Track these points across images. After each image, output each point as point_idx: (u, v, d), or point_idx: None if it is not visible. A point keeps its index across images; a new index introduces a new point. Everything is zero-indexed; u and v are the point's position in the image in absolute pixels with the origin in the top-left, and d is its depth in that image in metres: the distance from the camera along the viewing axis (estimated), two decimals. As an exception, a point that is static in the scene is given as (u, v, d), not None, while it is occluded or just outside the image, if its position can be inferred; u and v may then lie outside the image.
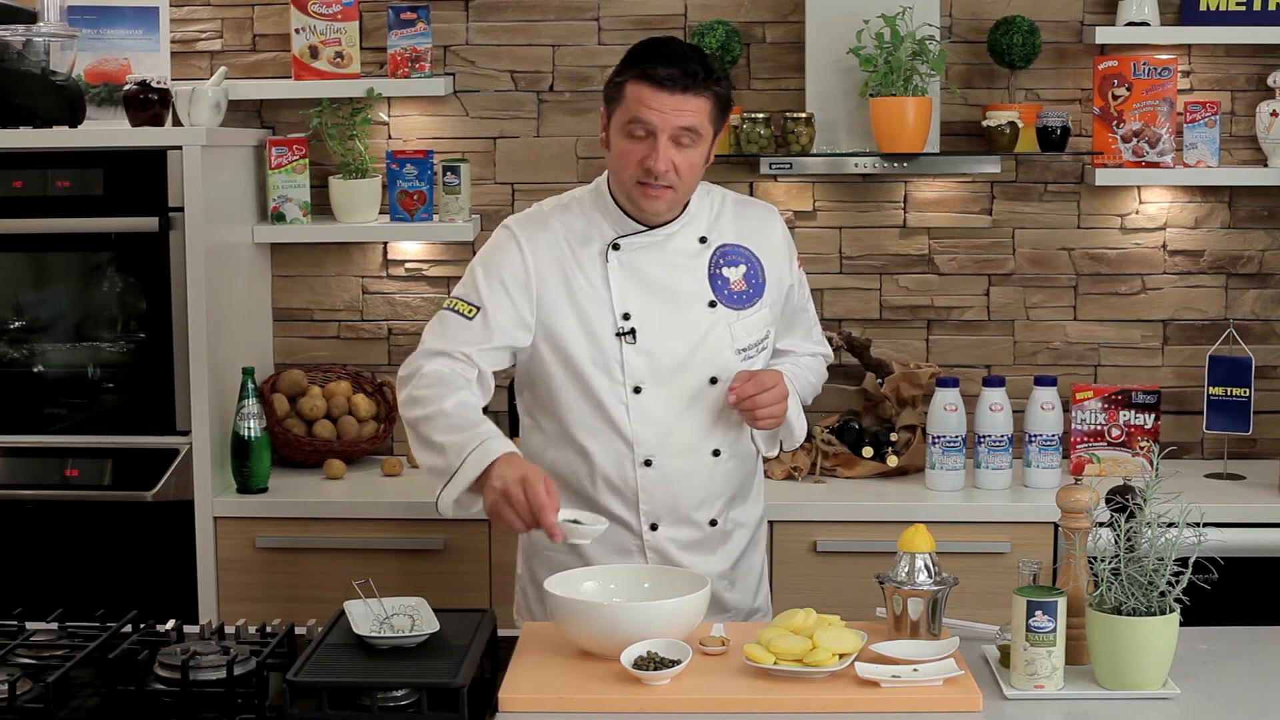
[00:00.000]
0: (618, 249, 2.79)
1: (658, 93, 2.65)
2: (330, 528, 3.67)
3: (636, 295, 2.78)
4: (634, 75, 2.67)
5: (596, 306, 2.77)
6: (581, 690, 2.29)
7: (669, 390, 2.78)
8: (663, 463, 2.79)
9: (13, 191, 3.66)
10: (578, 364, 2.77)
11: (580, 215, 2.82)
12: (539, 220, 2.84)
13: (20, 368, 3.78)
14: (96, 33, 3.96)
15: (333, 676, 2.23)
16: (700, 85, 2.66)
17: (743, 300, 2.84)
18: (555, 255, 2.78)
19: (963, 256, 4.10)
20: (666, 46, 2.72)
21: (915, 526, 2.49)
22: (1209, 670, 2.43)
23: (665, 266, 2.80)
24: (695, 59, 2.68)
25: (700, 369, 2.79)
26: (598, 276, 2.78)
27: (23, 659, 2.43)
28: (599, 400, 2.77)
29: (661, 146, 2.66)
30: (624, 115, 2.69)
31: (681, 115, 2.66)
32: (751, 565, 2.98)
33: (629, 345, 2.76)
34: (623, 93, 2.69)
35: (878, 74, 3.78)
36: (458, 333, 2.75)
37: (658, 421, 2.78)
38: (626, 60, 2.72)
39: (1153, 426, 3.85)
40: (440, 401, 2.65)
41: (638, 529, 2.82)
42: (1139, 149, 3.88)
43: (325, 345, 4.21)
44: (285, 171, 3.97)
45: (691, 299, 2.80)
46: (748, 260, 2.85)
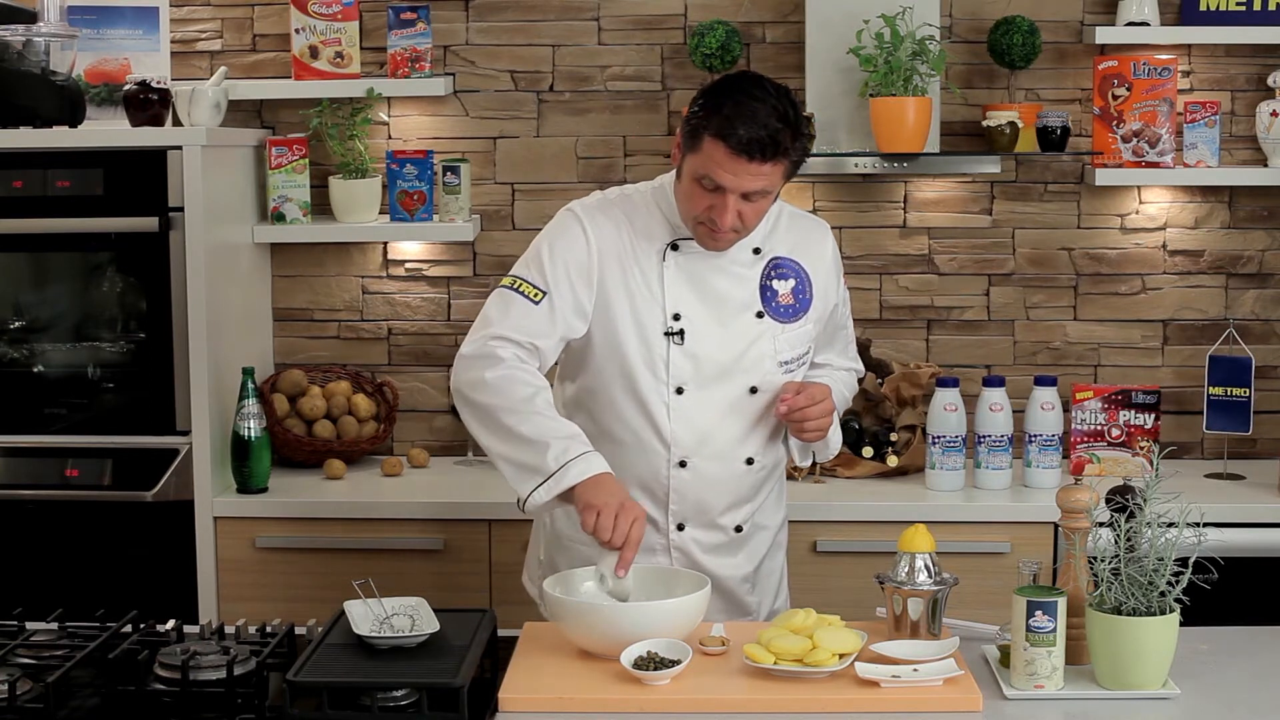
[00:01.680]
0: (676, 249, 2.78)
1: (734, 158, 2.58)
2: (330, 528, 3.67)
3: (688, 297, 2.77)
4: (714, 131, 2.59)
5: (648, 303, 2.76)
6: (581, 690, 2.29)
7: (710, 394, 2.77)
8: (697, 465, 2.79)
9: (13, 191, 3.66)
10: (625, 357, 2.76)
11: (643, 209, 2.81)
12: (603, 207, 2.82)
13: (20, 368, 3.78)
14: (96, 33, 3.96)
15: (333, 676, 2.23)
16: (780, 153, 2.60)
17: (790, 314, 2.82)
18: (617, 244, 2.77)
19: (963, 256, 4.10)
20: (754, 105, 2.59)
21: (915, 526, 2.49)
22: (1209, 670, 2.43)
23: (719, 273, 2.78)
24: (781, 120, 2.59)
25: (742, 377, 2.78)
26: (653, 273, 2.77)
27: (23, 659, 2.43)
28: (641, 397, 2.77)
29: (730, 205, 2.63)
30: (697, 165, 2.63)
31: (755, 180, 2.61)
32: (773, 568, 2.98)
33: (676, 345, 2.76)
34: (700, 143, 2.61)
35: (878, 74, 3.78)
36: (523, 318, 2.70)
37: (697, 424, 2.78)
38: (709, 105, 2.62)
39: (1153, 426, 3.85)
40: (524, 389, 2.61)
41: (664, 528, 2.82)
42: (1139, 149, 3.88)
43: (325, 345, 4.21)
44: (285, 171, 3.97)
45: (741, 307, 2.79)
46: (797, 275, 2.84)
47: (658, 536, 2.82)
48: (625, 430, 2.79)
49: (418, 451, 4.05)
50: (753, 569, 2.90)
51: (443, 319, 4.18)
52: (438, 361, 4.17)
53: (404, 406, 4.17)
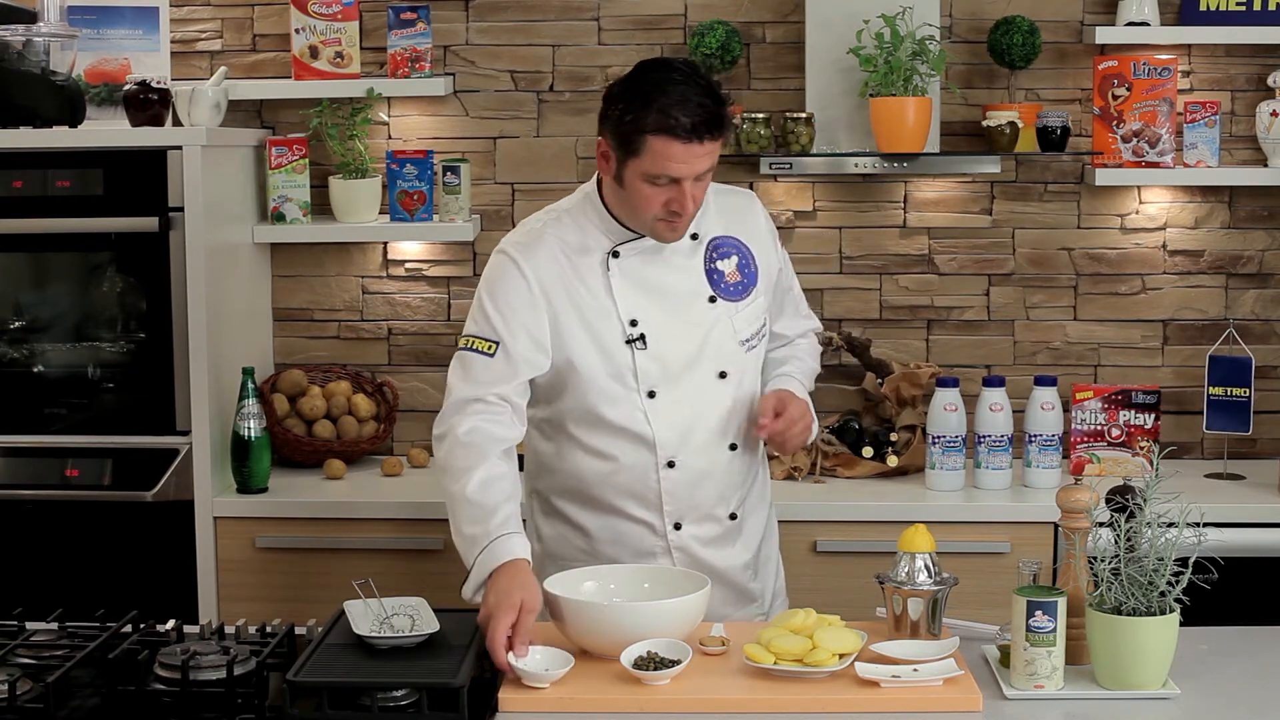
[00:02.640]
0: (618, 256, 2.77)
1: (686, 146, 2.59)
2: (330, 528, 3.67)
3: (641, 300, 2.77)
4: (654, 129, 2.59)
5: (603, 317, 2.75)
6: (581, 690, 2.29)
7: (682, 390, 2.78)
8: (685, 462, 2.79)
9: (13, 191, 3.66)
10: (592, 377, 2.75)
11: (573, 226, 2.79)
12: (534, 239, 2.79)
13: (20, 368, 3.78)
14: (96, 33, 3.96)
15: (333, 676, 2.24)
16: (721, 127, 2.63)
17: (739, 291, 2.84)
18: (556, 272, 2.75)
19: (963, 256, 4.10)
20: (679, 90, 2.60)
21: (915, 526, 2.50)
22: (1209, 670, 2.43)
23: (664, 268, 2.79)
24: (707, 94, 2.61)
25: (708, 365, 2.80)
26: (600, 286, 2.76)
27: (23, 659, 2.43)
28: (618, 410, 2.76)
29: (688, 191, 2.64)
30: (646, 166, 2.63)
31: (705, 160, 2.64)
32: (770, 553, 3.01)
33: (640, 351, 2.76)
34: (643, 145, 2.61)
35: (878, 74, 3.78)
36: (482, 373, 2.71)
37: (676, 422, 2.78)
38: (637, 104, 2.61)
39: (1153, 426, 3.85)
40: (465, 481, 2.63)
41: (661, 530, 2.81)
42: (1139, 149, 3.88)
43: (325, 345, 4.21)
44: (285, 171, 3.96)
45: (692, 297, 2.80)
46: (738, 250, 2.86)
47: (655, 539, 2.82)
48: (609, 444, 2.78)
49: (418, 451, 4.05)
50: (751, 555, 2.91)
51: (443, 319, 4.18)
52: (438, 361, 4.17)
53: (404, 406, 4.17)
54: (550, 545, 2.90)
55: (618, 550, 2.82)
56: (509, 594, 2.46)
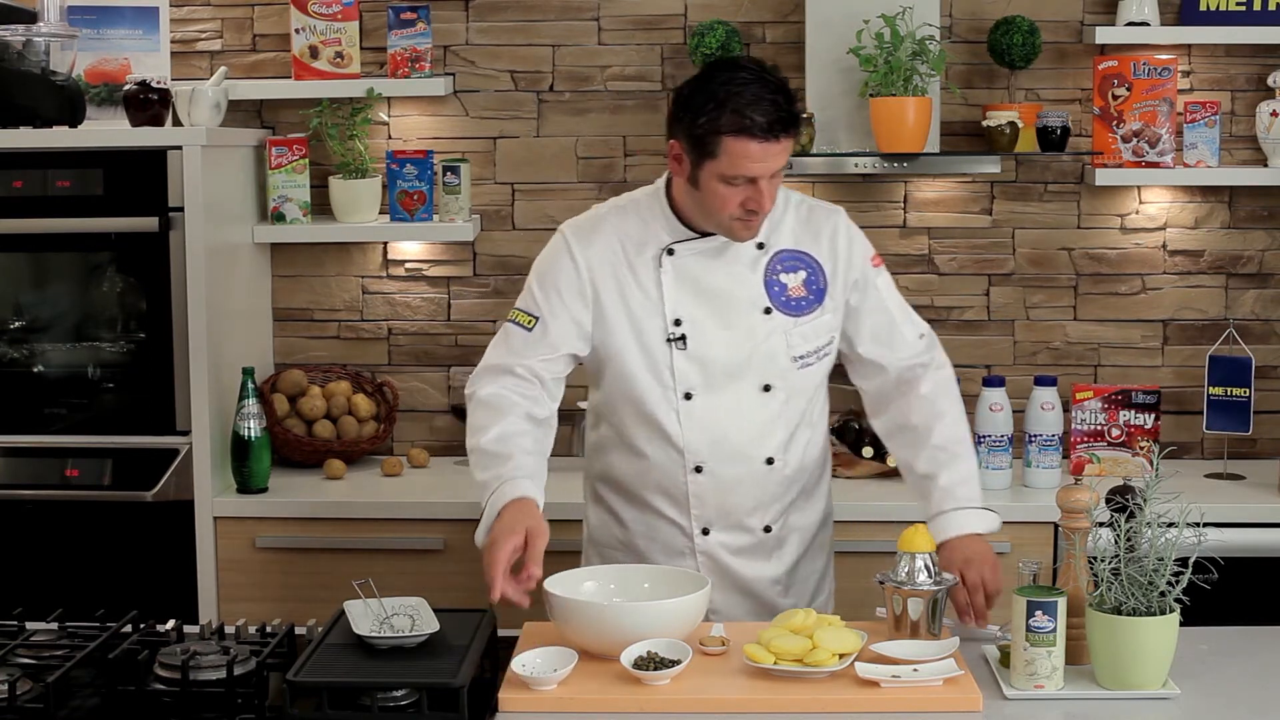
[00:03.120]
0: (672, 254, 2.76)
1: (763, 145, 2.58)
2: (330, 528, 3.67)
3: (689, 301, 2.75)
4: (730, 130, 2.58)
5: (648, 312, 2.75)
6: (581, 690, 2.29)
7: (720, 397, 2.76)
8: (714, 469, 2.77)
9: (13, 191, 3.66)
10: (629, 369, 2.76)
11: (636, 219, 2.79)
12: (593, 225, 2.81)
13: (20, 368, 3.78)
14: (96, 33, 3.96)
15: (333, 676, 2.24)
16: (795, 123, 2.62)
17: (801, 307, 2.78)
18: (609, 260, 2.76)
19: (963, 256, 4.10)
20: (751, 90, 2.59)
21: (915, 526, 2.50)
22: (1209, 670, 2.43)
23: (720, 272, 2.76)
24: (778, 91, 2.61)
25: (754, 376, 2.76)
26: (650, 282, 2.76)
27: (23, 659, 2.43)
28: (649, 406, 2.76)
29: (765, 189, 2.63)
30: (723, 168, 2.61)
31: (780, 158, 2.62)
32: (811, 571, 2.92)
33: (679, 351, 2.74)
34: (719, 146, 2.59)
35: (878, 74, 3.78)
36: (520, 345, 2.75)
37: (709, 428, 2.76)
38: (712, 104, 2.60)
39: (1153, 426, 3.85)
40: (483, 434, 2.68)
41: (690, 532, 2.81)
42: (1139, 149, 3.88)
43: (325, 345, 4.21)
44: (285, 171, 3.96)
45: (746, 305, 2.76)
46: (808, 266, 2.79)
47: (684, 540, 2.82)
48: (640, 439, 2.79)
49: (418, 451, 4.05)
50: (784, 571, 2.86)
51: (443, 319, 4.18)
52: (438, 361, 4.17)
53: (404, 406, 4.17)
54: (594, 532, 2.93)
55: (650, 546, 2.83)
56: (513, 524, 2.51)
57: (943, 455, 2.79)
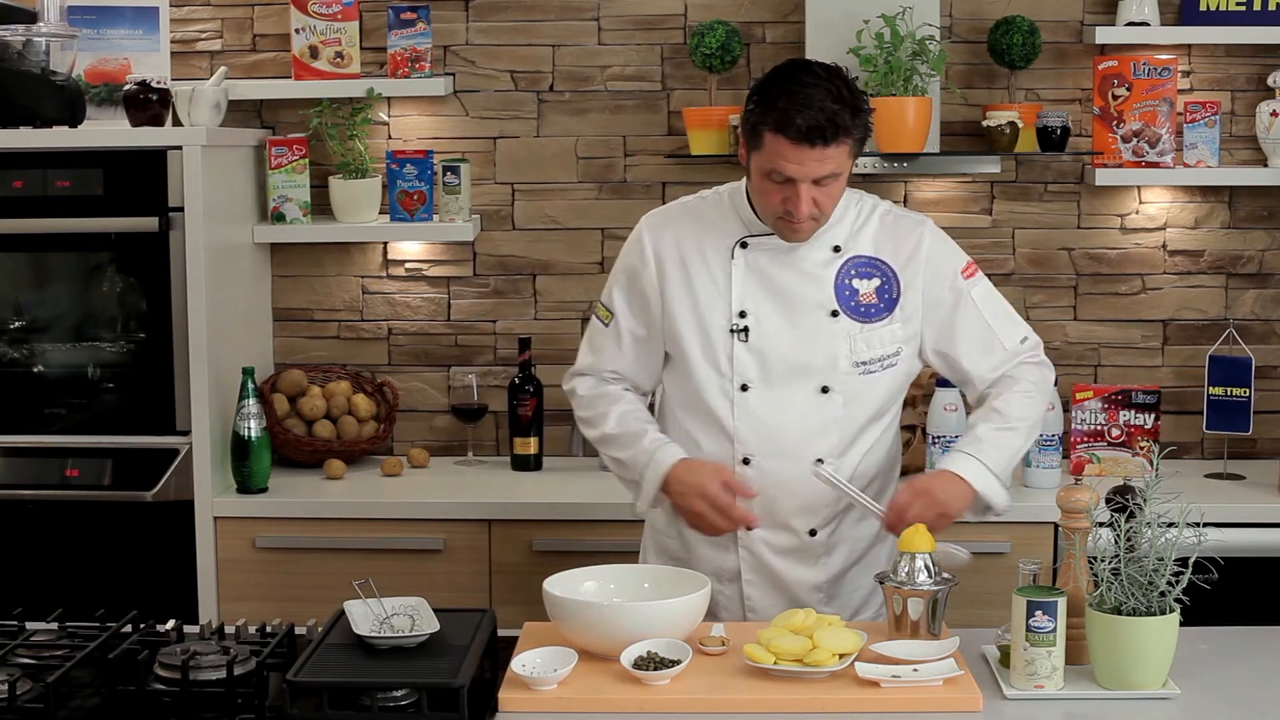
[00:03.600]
0: (746, 247, 2.78)
1: (797, 148, 2.58)
2: (330, 528, 3.67)
3: (756, 294, 2.77)
4: (772, 126, 2.59)
5: (714, 301, 2.78)
6: (581, 690, 2.29)
7: (777, 393, 2.76)
8: (762, 464, 2.77)
9: (13, 191, 3.66)
10: (688, 356, 2.79)
11: (715, 210, 2.84)
12: (670, 214, 2.89)
13: (20, 368, 3.78)
14: (96, 33, 3.96)
15: (333, 676, 2.23)
16: (841, 134, 2.60)
17: (870, 313, 2.77)
18: (679, 248, 2.81)
19: (963, 256, 4.10)
20: (806, 92, 2.59)
21: (915, 526, 2.50)
22: (1209, 670, 2.43)
23: (791, 270, 2.77)
24: (836, 101, 2.59)
25: (813, 376, 2.76)
26: (720, 272, 2.78)
27: (23, 659, 2.43)
28: (706, 394, 2.78)
29: (803, 194, 2.63)
30: (763, 162, 2.64)
31: (822, 166, 2.61)
32: (859, 584, 2.87)
33: (740, 342, 2.76)
34: (761, 140, 2.62)
35: (878, 74, 3.78)
36: (600, 343, 2.90)
37: (762, 422, 2.76)
38: (763, 100, 2.63)
39: (1153, 426, 3.85)
40: (604, 424, 2.86)
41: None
42: (1139, 149, 3.88)
43: (325, 345, 4.21)
44: (285, 171, 3.96)
45: (812, 306, 2.76)
46: (882, 274, 2.78)
47: (728, 534, 2.81)
48: (695, 427, 2.81)
49: (418, 451, 4.05)
50: (827, 579, 2.82)
51: (443, 319, 4.18)
52: (438, 361, 4.17)
53: (404, 406, 4.17)
54: (653, 518, 2.95)
55: (696, 537, 2.83)
56: (699, 474, 2.72)
57: (997, 417, 2.77)
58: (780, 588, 2.81)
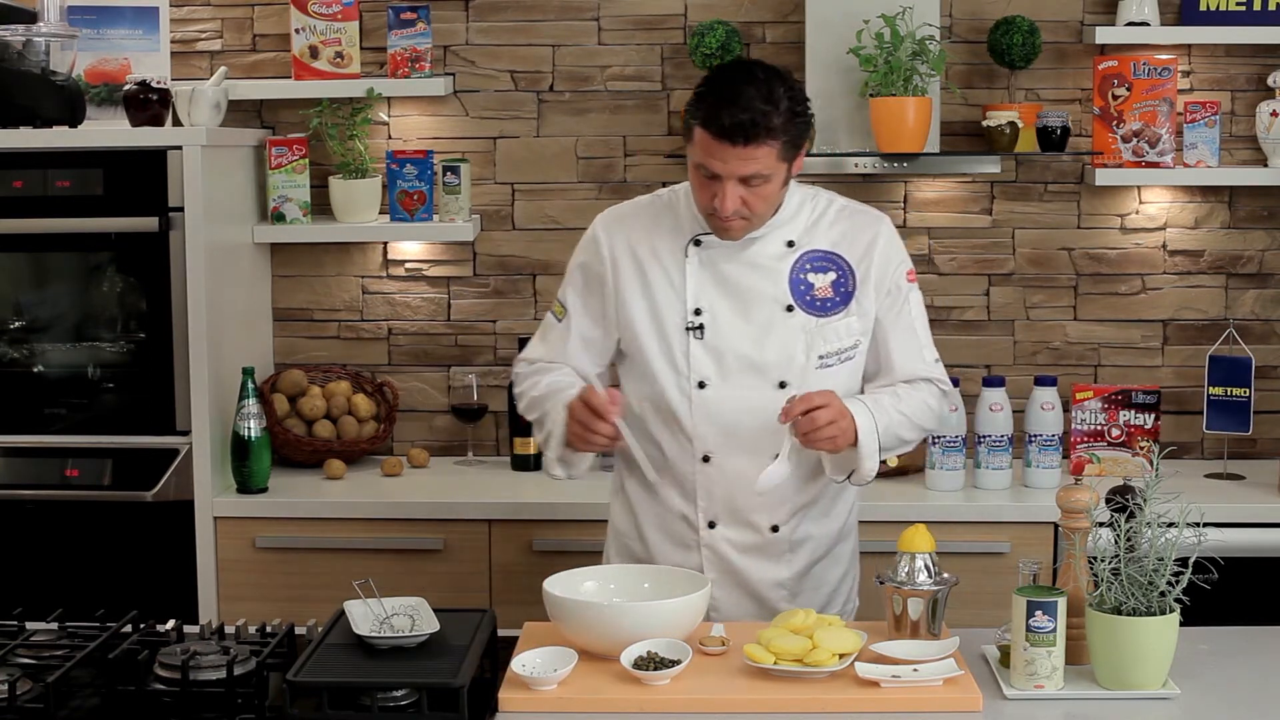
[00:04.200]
0: (699, 245, 2.78)
1: (720, 144, 2.59)
2: (330, 528, 3.67)
3: (711, 291, 2.77)
4: (699, 121, 2.62)
5: (669, 299, 2.78)
6: (581, 690, 2.29)
7: (734, 390, 2.76)
8: (722, 461, 2.77)
9: (13, 191, 3.66)
10: (645, 354, 2.79)
11: (669, 207, 2.84)
12: (625, 212, 2.89)
13: (20, 368, 3.78)
14: (96, 33, 3.96)
15: (333, 676, 2.23)
16: (765, 135, 2.59)
17: (826, 307, 2.77)
18: (633, 246, 2.81)
19: (963, 256, 4.10)
20: (736, 89, 2.60)
21: (915, 526, 2.49)
22: (1209, 670, 2.43)
23: (745, 267, 2.77)
24: (768, 102, 2.58)
25: (770, 372, 2.75)
26: (675, 269, 2.79)
27: (23, 659, 2.43)
28: (664, 392, 2.78)
29: (728, 191, 2.63)
30: (693, 155, 2.66)
31: (746, 165, 2.61)
32: (824, 579, 2.88)
33: (696, 340, 2.76)
34: (692, 133, 2.65)
35: (878, 74, 3.78)
36: (553, 339, 2.90)
37: (721, 419, 2.76)
38: (698, 94, 2.65)
39: (1153, 426, 3.85)
40: (533, 389, 2.87)
41: (695, 524, 2.81)
42: (1139, 149, 3.88)
43: (325, 345, 4.21)
44: (285, 171, 3.97)
45: (767, 301, 2.76)
46: (839, 268, 2.79)
47: (689, 533, 2.81)
48: (655, 426, 2.81)
49: (418, 451, 4.05)
50: (791, 575, 2.83)
51: (443, 319, 4.18)
52: (438, 361, 4.17)
53: (404, 406, 4.17)
54: (615, 519, 2.95)
55: (659, 537, 2.83)
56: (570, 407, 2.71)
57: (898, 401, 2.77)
58: (743, 586, 2.81)
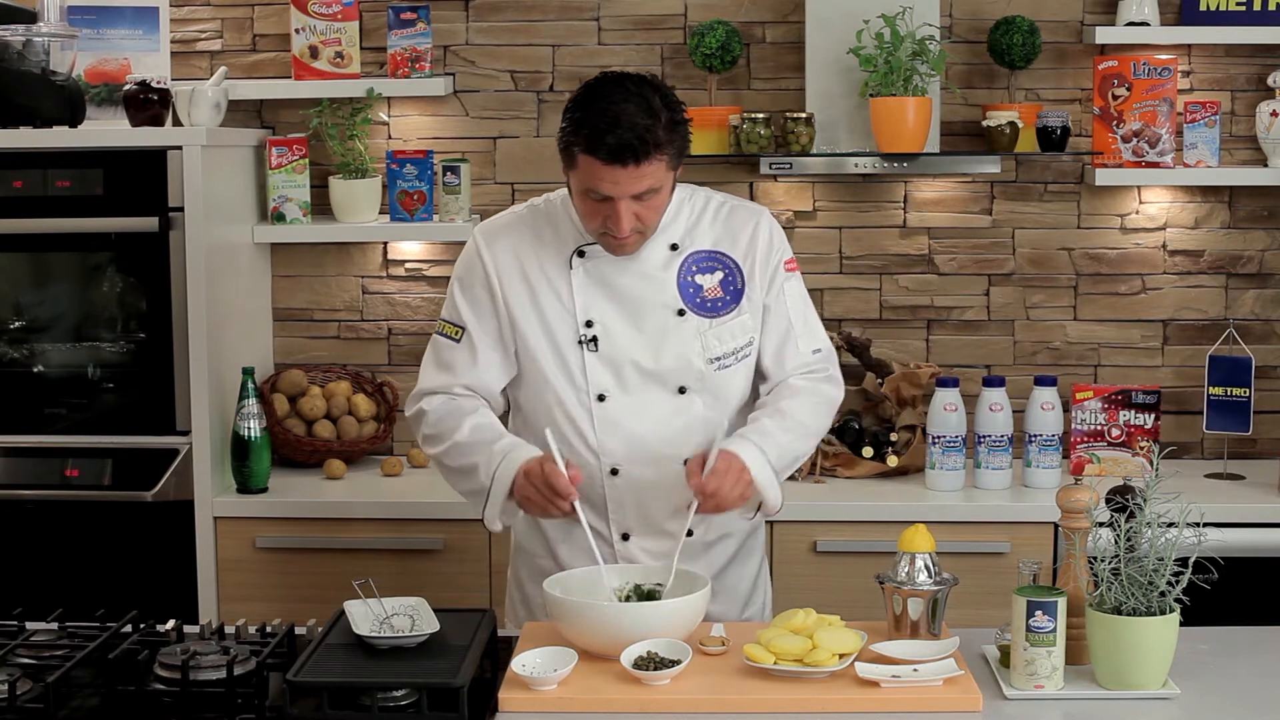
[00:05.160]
0: (583, 255, 2.73)
1: (609, 168, 2.53)
2: (330, 528, 3.67)
3: (600, 302, 2.72)
4: (583, 147, 2.54)
5: (559, 312, 2.72)
6: (581, 690, 2.29)
7: (634, 399, 2.71)
8: (630, 472, 2.72)
9: (13, 191, 3.66)
10: (542, 370, 2.73)
11: (548, 219, 2.77)
12: (504, 224, 2.79)
13: (20, 368, 3.79)
14: (96, 33, 3.96)
15: (333, 676, 2.23)
16: (653, 150, 2.53)
17: (717, 308, 2.73)
18: (518, 259, 2.74)
19: (963, 256, 4.10)
20: (614, 109, 2.53)
21: (915, 526, 2.49)
22: (1209, 670, 2.43)
23: (632, 274, 2.71)
24: (648, 115, 2.53)
25: (668, 378, 2.72)
26: (562, 282, 2.72)
27: (23, 659, 2.43)
28: (566, 409, 2.73)
29: (621, 211, 2.58)
30: (580, 180, 2.59)
31: (638, 183, 2.55)
32: (740, 576, 2.86)
33: (591, 353, 2.71)
34: (575, 159, 2.57)
35: (878, 74, 3.78)
36: (451, 360, 2.77)
37: (624, 430, 2.71)
38: (574, 120, 2.57)
39: (1153, 426, 3.85)
40: (456, 434, 2.71)
41: (610, 538, 2.76)
42: (1139, 149, 3.88)
43: (325, 345, 4.21)
44: (285, 171, 3.97)
45: (658, 307, 2.72)
46: (725, 266, 2.75)
47: (604, 547, 2.72)
48: (559, 443, 2.68)
49: (418, 451, 4.05)
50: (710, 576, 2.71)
51: (443, 319, 4.17)
52: (438, 361, 4.17)
53: (404, 406, 4.16)
54: (520, 539, 2.89)
55: (572, 552, 2.76)
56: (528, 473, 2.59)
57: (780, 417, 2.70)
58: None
